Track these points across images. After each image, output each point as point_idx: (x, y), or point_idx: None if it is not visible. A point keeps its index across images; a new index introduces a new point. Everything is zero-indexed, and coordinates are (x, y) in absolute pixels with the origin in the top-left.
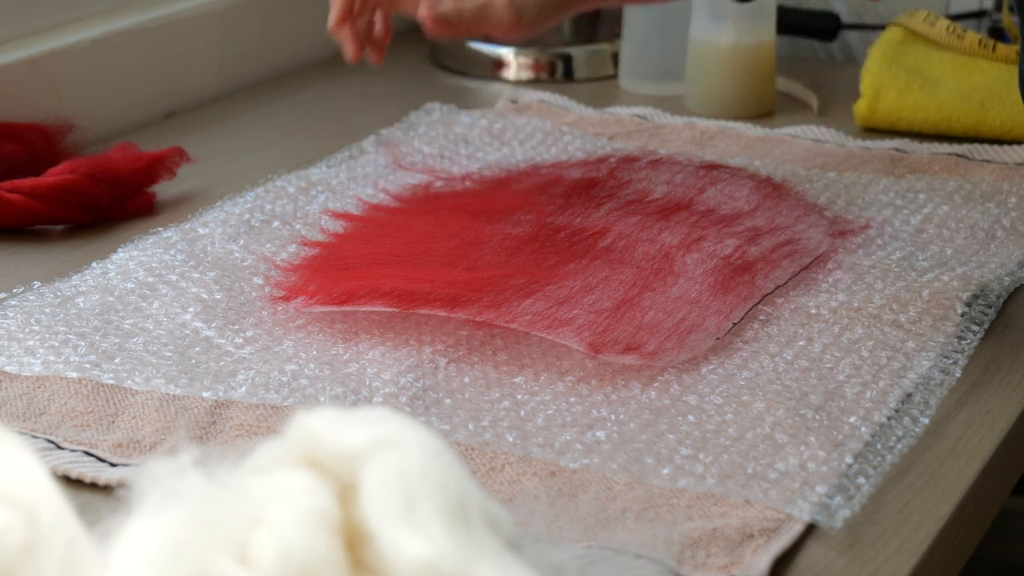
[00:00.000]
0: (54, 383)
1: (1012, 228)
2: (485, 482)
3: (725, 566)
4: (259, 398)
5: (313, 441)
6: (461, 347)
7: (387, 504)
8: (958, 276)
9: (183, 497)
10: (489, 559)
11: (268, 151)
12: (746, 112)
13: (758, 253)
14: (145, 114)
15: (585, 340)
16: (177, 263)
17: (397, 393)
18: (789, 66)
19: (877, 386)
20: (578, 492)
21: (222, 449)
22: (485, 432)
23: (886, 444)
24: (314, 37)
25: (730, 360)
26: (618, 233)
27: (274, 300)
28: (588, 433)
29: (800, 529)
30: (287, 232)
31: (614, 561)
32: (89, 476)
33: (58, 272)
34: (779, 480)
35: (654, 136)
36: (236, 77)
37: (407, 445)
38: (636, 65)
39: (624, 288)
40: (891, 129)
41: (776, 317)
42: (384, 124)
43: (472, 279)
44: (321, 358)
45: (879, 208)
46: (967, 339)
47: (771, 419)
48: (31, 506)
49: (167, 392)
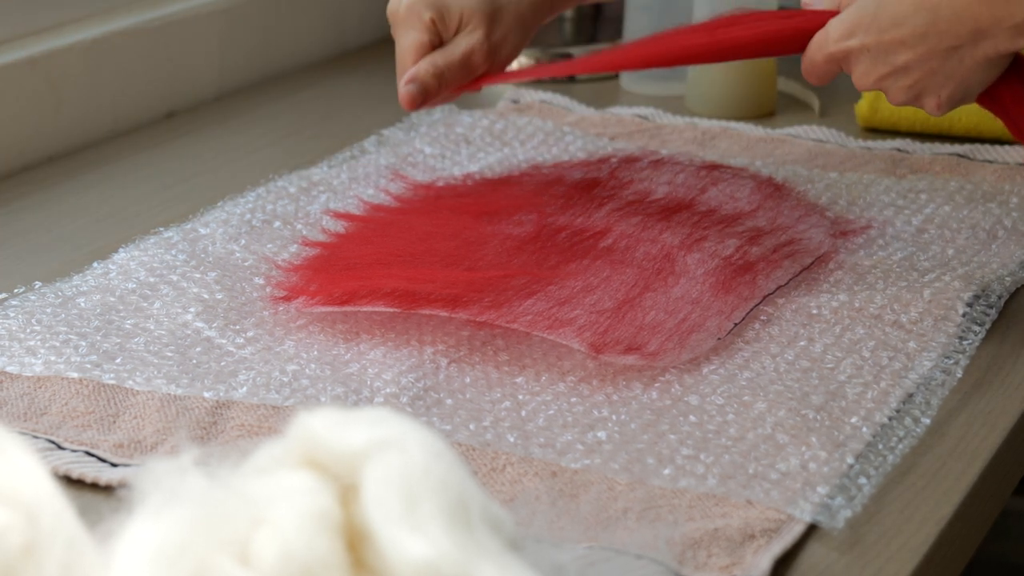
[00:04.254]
0: (55, 383)
1: (1013, 228)
2: (486, 482)
3: (726, 566)
4: (260, 398)
5: (314, 441)
6: (462, 347)
7: (388, 504)
8: (960, 276)
9: (184, 497)
10: (490, 559)
11: (269, 151)
12: (747, 112)
13: (759, 253)
14: (145, 114)
15: (586, 340)
16: (178, 263)
17: (398, 393)
18: (790, 66)
19: (878, 386)
20: (579, 492)
21: (223, 449)
22: (486, 432)
23: (887, 444)
24: (314, 37)
25: (731, 360)
26: (619, 233)
27: (275, 300)
28: (589, 433)
29: (801, 529)
30: (288, 232)
31: (615, 561)
32: (90, 476)
33: (59, 272)
34: (780, 480)
35: (655, 136)
36: (236, 77)
37: (408, 445)
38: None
39: (625, 288)
40: (892, 129)
41: (777, 317)
42: (385, 124)
43: (473, 279)
44: (322, 358)
45: (880, 208)
46: (968, 339)
47: (772, 419)
48: (32, 506)
49: (168, 392)
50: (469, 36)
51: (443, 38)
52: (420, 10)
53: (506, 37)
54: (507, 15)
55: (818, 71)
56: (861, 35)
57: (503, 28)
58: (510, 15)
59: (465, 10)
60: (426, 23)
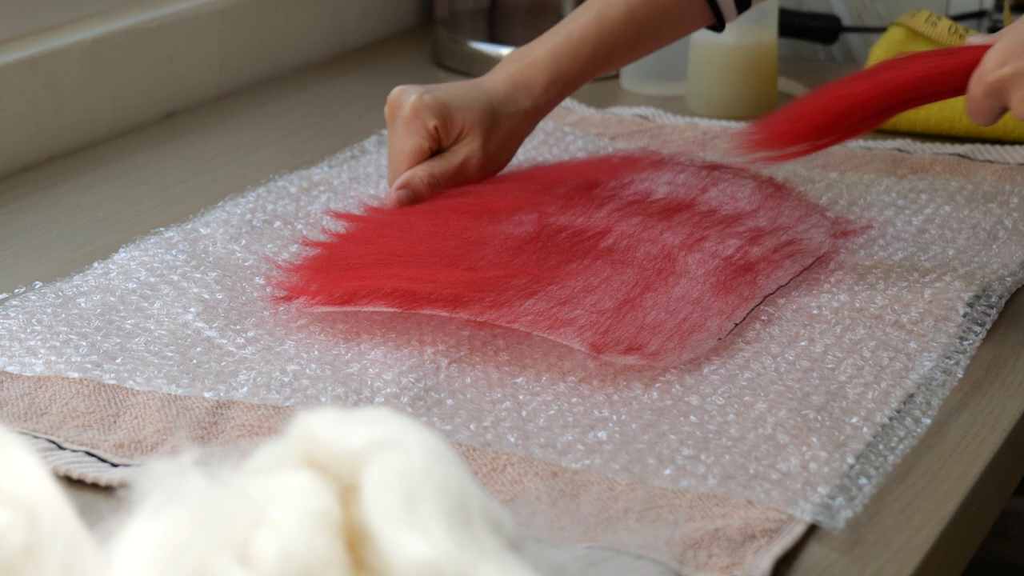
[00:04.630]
0: (55, 383)
1: (1014, 228)
2: (486, 483)
3: (727, 567)
4: (260, 398)
5: (314, 441)
6: (463, 347)
7: (388, 504)
8: (960, 276)
9: (184, 497)
10: (490, 560)
11: (269, 151)
12: (748, 113)
13: (760, 253)
14: (145, 114)
15: (587, 340)
16: (179, 263)
17: (399, 393)
18: (790, 67)
19: (879, 387)
20: (580, 492)
21: (223, 449)
22: (487, 432)
23: (888, 445)
24: (314, 37)
25: (732, 360)
26: (620, 233)
27: (276, 300)
28: (590, 433)
29: (802, 530)
30: (289, 232)
31: (615, 562)
32: (90, 476)
33: (59, 272)
34: (781, 480)
35: (656, 136)
36: (236, 77)
37: (408, 446)
38: (638, 65)
39: (626, 288)
40: (893, 129)
41: (778, 318)
42: (385, 124)
43: (474, 279)
44: (323, 358)
45: (881, 208)
46: (969, 340)
47: (773, 419)
48: (32, 506)
49: (168, 392)
50: (467, 146)
51: (441, 145)
52: (425, 117)
53: (501, 148)
54: (503, 127)
55: (981, 107)
56: (1014, 61)
57: (498, 139)
58: (506, 127)
59: (467, 121)
60: (429, 131)
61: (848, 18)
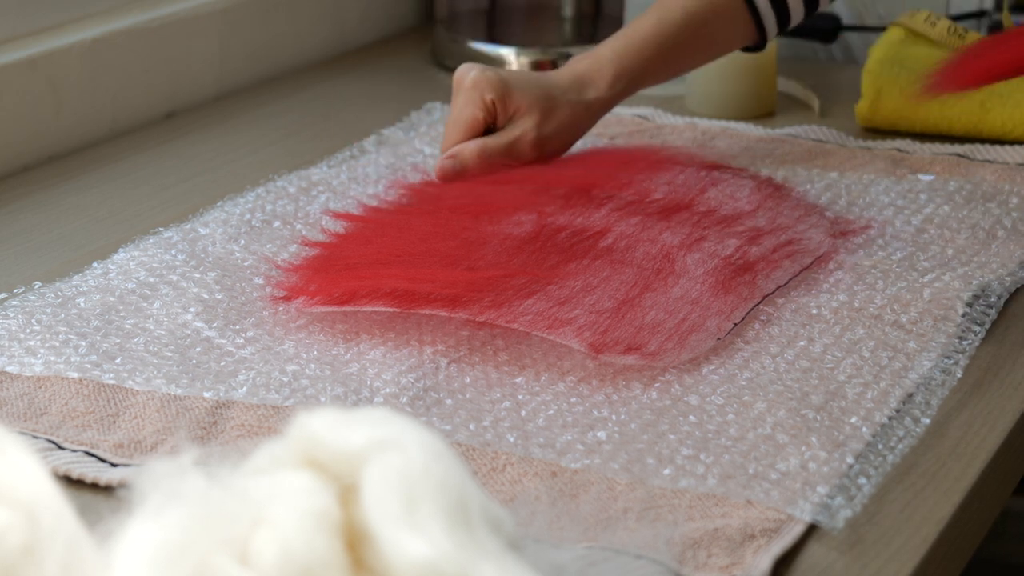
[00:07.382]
0: (55, 383)
1: (1013, 228)
2: (486, 482)
3: (726, 566)
4: (260, 398)
5: (314, 441)
6: (462, 347)
7: (388, 504)
8: (959, 276)
9: (184, 497)
10: (490, 560)
11: (269, 151)
12: (747, 112)
13: (759, 253)
14: (145, 114)
15: (586, 340)
16: (178, 263)
17: (398, 393)
18: (790, 66)
19: (878, 386)
20: (579, 492)
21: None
22: (486, 432)
23: (887, 444)
24: (314, 37)
25: (731, 360)
26: (619, 233)
27: (275, 300)
28: (589, 433)
29: (801, 529)
30: (288, 232)
31: (615, 561)
32: (90, 476)
33: (59, 272)
34: (780, 480)
35: (655, 136)
36: (236, 77)
37: (408, 445)
38: None
39: (625, 288)
40: (892, 129)
41: (777, 317)
42: (385, 124)
43: (473, 279)
44: (322, 358)
45: (880, 208)
46: (968, 339)
47: (772, 419)
48: (32, 506)
49: (168, 392)
50: (521, 125)
51: (498, 120)
52: (484, 89)
53: (557, 132)
54: (561, 113)
55: None
56: None
57: (555, 123)
58: (564, 113)
59: (525, 99)
60: (487, 103)
61: (848, 17)
